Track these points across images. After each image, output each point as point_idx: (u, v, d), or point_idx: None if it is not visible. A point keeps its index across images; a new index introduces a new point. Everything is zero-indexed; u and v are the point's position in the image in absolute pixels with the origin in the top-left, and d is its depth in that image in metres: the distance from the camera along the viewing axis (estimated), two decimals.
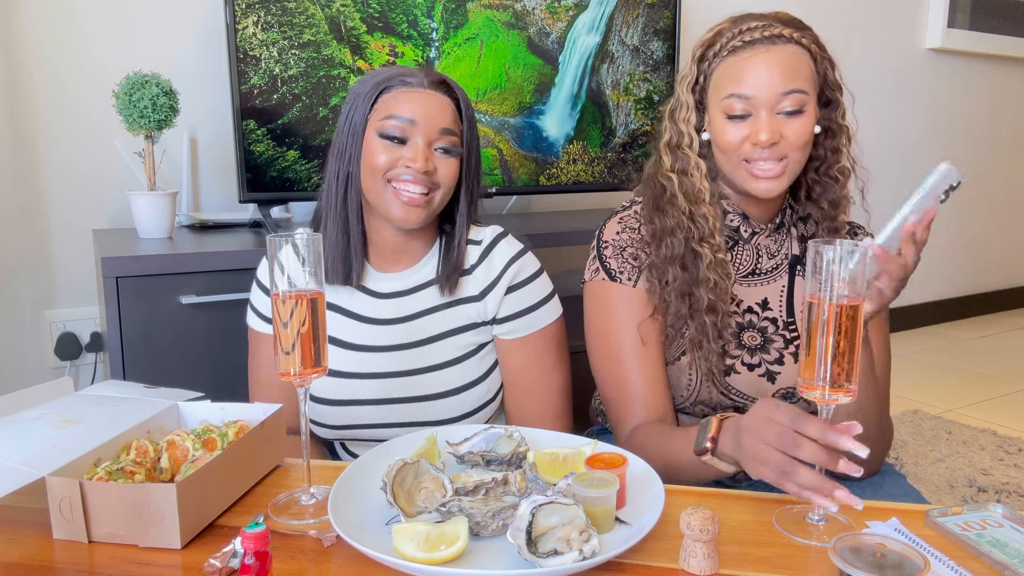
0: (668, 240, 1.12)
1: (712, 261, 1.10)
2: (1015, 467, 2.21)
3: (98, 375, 2.08)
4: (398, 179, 1.11)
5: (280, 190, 1.91)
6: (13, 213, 1.98)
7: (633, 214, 1.19)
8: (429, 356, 1.19)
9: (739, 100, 1.05)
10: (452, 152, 1.14)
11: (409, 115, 1.11)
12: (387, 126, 1.11)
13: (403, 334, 1.19)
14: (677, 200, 1.13)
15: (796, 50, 1.06)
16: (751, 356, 1.15)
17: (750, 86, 1.05)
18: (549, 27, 2.18)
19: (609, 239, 1.18)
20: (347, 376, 1.19)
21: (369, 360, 1.19)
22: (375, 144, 1.12)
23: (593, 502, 0.80)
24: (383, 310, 1.20)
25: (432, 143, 1.12)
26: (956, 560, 0.78)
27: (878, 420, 1.08)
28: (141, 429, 0.94)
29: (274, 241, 0.85)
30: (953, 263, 3.81)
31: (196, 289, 1.62)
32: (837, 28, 3.22)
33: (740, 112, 1.06)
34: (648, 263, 1.14)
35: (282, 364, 0.87)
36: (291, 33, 1.86)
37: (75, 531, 0.81)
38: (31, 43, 1.94)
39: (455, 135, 1.14)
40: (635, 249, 1.15)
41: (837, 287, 0.79)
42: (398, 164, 1.11)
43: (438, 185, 1.13)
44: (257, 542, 0.69)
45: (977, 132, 3.76)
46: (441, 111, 1.13)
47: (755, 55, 1.05)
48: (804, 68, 1.06)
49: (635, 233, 1.17)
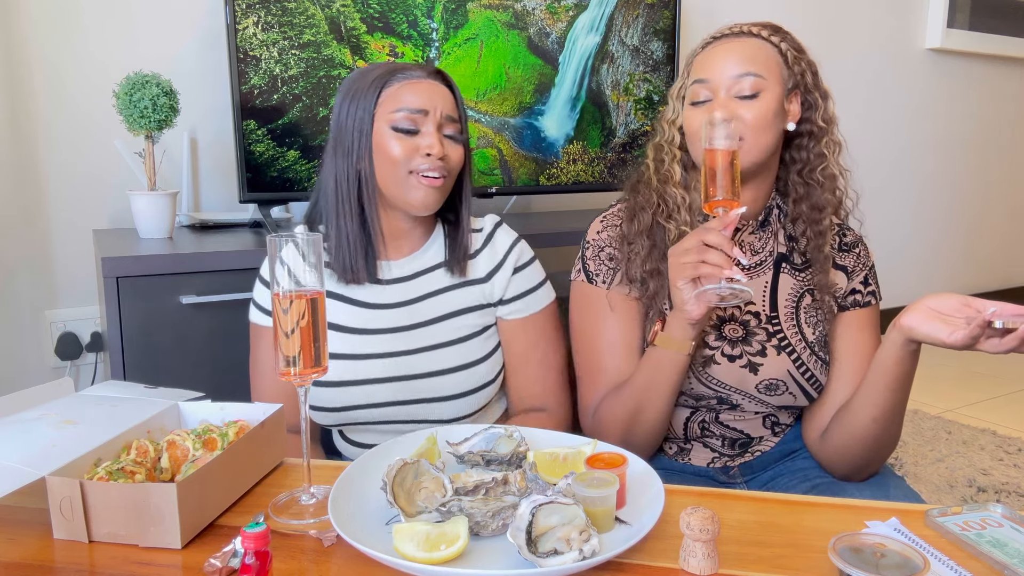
0: (639, 216, 1.19)
1: (676, 235, 1.15)
2: (1015, 467, 2.21)
3: (98, 375, 2.08)
4: (417, 168, 1.15)
5: (280, 190, 1.91)
6: (13, 213, 1.98)
7: (616, 212, 1.24)
8: (433, 335, 1.21)
9: (700, 85, 1.12)
10: (457, 139, 1.19)
11: (419, 105, 1.14)
12: (399, 118, 1.14)
13: (407, 316, 1.22)
14: (651, 182, 1.20)
15: (759, 43, 1.12)
16: (732, 348, 1.16)
17: (708, 71, 1.11)
18: (549, 27, 2.18)
19: (591, 239, 1.23)
20: (348, 358, 1.20)
21: (370, 342, 1.21)
22: (388, 138, 1.14)
23: (593, 502, 0.80)
24: (387, 295, 1.22)
25: (441, 129, 1.16)
26: (956, 560, 0.78)
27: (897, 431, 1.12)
28: (141, 429, 0.94)
29: (274, 241, 0.85)
30: (953, 263, 3.81)
31: (196, 289, 1.62)
32: (837, 28, 3.22)
33: (702, 98, 1.12)
34: (620, 239, 1.20)
35: (282, 364, 0.87)
36: (291, 33, 1.86)
37: (75, 531, 0.81)
38: (31, 43, 1.95)
39: (457, 122, 1.19)
40: (612, 249, 1.20)
41: (709, 138, 1.00)
42: (415, 154, 1.14)
43: (450, 170, 1.18)
44: (257, 542, 0.69)
45: (977, 132, 3.76)
46: (444, 99, 1.17)
47: (718, 46, 1.13)
48: (765, 58, 1.11)
49: (615, 231, 1.22)
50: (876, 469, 1.15)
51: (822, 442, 1.17)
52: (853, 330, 1.19)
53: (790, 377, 1.16)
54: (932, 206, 3.68)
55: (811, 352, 1.16)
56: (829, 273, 1.18)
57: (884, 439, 1.09)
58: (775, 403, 1.18)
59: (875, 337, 1.19)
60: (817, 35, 3.14)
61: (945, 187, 3.71)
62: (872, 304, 1.21)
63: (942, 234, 3.73)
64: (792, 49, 1.13)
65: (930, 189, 3.66)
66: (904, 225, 3.58)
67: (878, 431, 1.08)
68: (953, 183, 3.73)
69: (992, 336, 0.90)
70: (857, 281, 1.20)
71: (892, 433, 1.10)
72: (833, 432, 1.14)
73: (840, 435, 1.12)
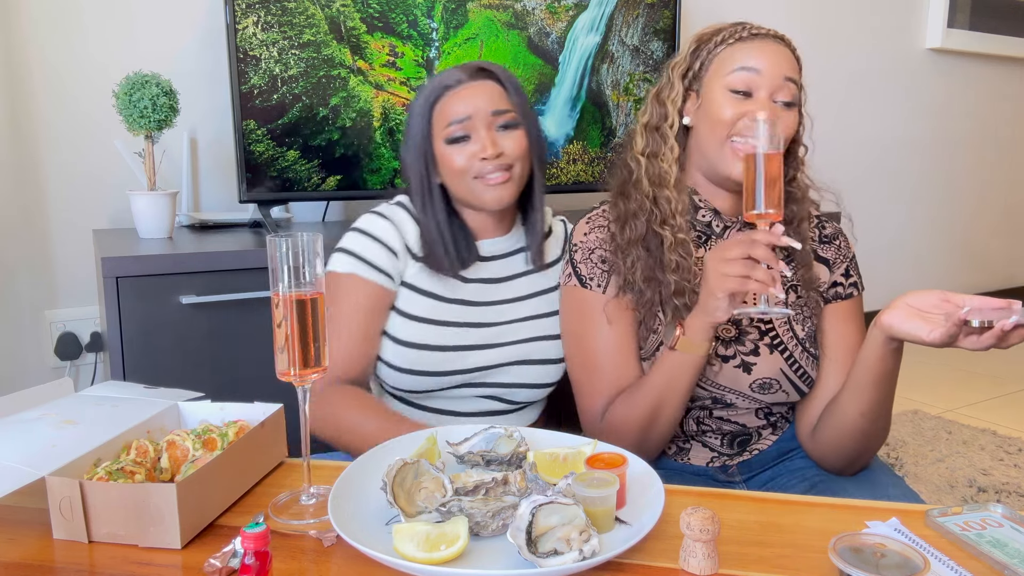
0: (631, 223, 1.16)
1: (673, 242, 1.13)
2: (1015, 467, 2.21)
3: (98, 375, 2.08)
4: (480, 173, 1.20)
5: (280, 190, 1.91)
6: (13, 213, 1.98)
7: (601, 212, 1.23)
8: (512, 311, 1.29)
9: (748, 74, 1.09)
10: (511, 125, 1.22)
11: (464, 112, 1.20)
12: (450, 132, 1.21)
13: (489, 293, 1.29)
14: (642, 184, 1.16)
15: (791, 55, 1.13)
16: (725, 348, 1.15)
17: (760, 61, 1.09)
18: (549, 27, 2.18)
19: (578, 242, 1.21)
20: (425, 321, 1.25)
21: (449, 310, 1.26)
22: (446, 151, 1.22)
23: (593, 502, 0.80)
24: (478, 273, 1.29)
25: (491, 126, 1.21)
26: (956, 560, 0.78)
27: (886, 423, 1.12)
28: (141, 429, 0.94)
29: (274, 241, 0.85)
30: (953, 263, 3.81)
31: (196, 289, 1.62)
32: (837, 28, 3.22)
33: (743, 88, 1.09)
34: (613, 247, 1.17)
35: (281, 364, 0.87)
36: (291, 33, 1.86)
37: (75, 531, 0.81)
38: (31, 43, 1.94)
39: (509, 111, 1.22)
40: (603, 251, 1.19)
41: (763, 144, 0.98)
42: (473, 160, 1.20)
43: (512, 161, 1.21)
44: (257, 542, 0.69)
45: (977, 132, 3.76)
46: (489, 95, 1.21)
47: (765, 42, 1.11)
48: (797, 70, 1.13)
49: (603, 232, 1.20)
50: (867, 461, 1.16)
51: (813, 438, 1.18)
52: (838, 322, 1.19)
53: (783, 375, 1.16)
54: (930, 205, 3.68)
55: (803, 349, 1.17)
56: (812, 267, 1.18)
57: (873, 432, 1.10)
58: (768, 400, 1.18)
59: (859, 328, 1.19)
60: (817, 35, 3.16)
61: (944, 187, 3.71)
62: (855, 295, 1.22)
63: (941, 233, 3.73)
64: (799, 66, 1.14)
65: (929, 188, 3.66)
66: (903, 224, 3.58)
67: (866, 425, 1.09)
68: (952, 182, 3.73)
69: (971, 333, 0.90)
70: (839, 273, 1.21)
71: (880, 426, 1.11)
72: (823, 427, 1.15)
73: (830, 430, 1.13)
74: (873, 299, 1.40)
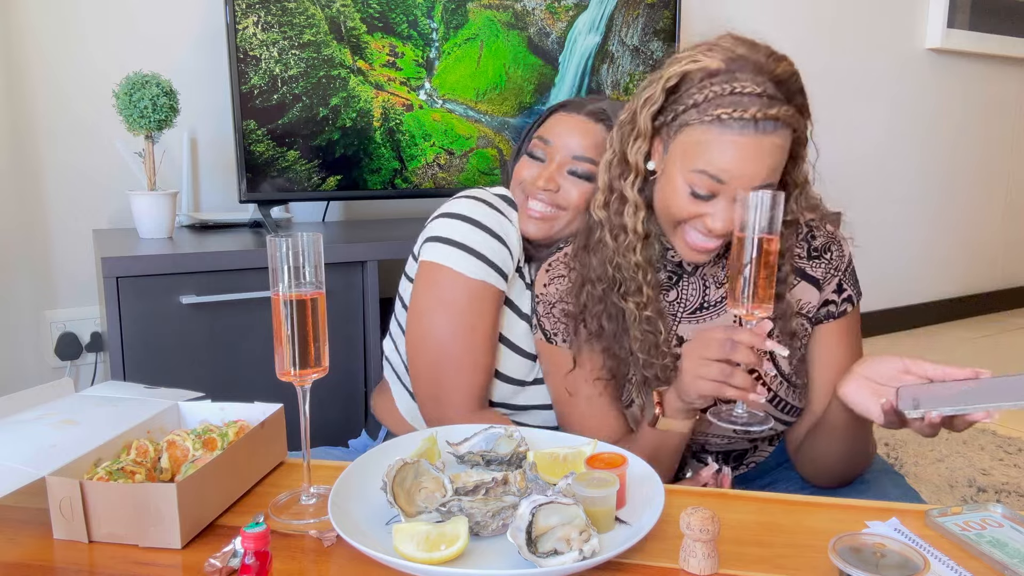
0: (588, 289, 1.08)
1: (637, 319, 1.05)
2: (1015, 467, 2.21)
3: (98, 375, 2.08)
4: (528, 193, 1.20)
5: (280, 190, 1.91)
6: (13, 213, 1.98)
7: (561, 257, 1.16)
8: None
9: (712, 181, 0.96)
10: (581, 175, 1.18)
11: (548, 136, 1.21)
12: (531, 146, 1.23)
13: None
14: (605, 247, 1.06)
15: (784, 135, 0.96)
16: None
17: (728, 173, 0.95)
18: (549, 27, 2.18)
19: (539, 293, 1.16)
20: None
21: None
22: (523, 159, 1.24)
23: (593, 502, 0.80)
24: None
25: (563, 166, 1.18)
26: (956, 560, 0.78)
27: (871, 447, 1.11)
28: (141, 429, 0.95)
29: (274, 241, 0.85)
30: (953, 263, 3.81)
31: (196, 289, 1.62)
32: (837, 28, 3.22)
33: (704, 192, 0.97)
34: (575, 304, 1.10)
35: (281, 363, 0.87)
36: (291, 33, 1.86)
37: (75, 531, 0.81)
38: (31, 43, 1.94)
39: (592, 163, 1.16)
40: (564, 304, 1.13)
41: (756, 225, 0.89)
42: (527, 179, 1.20)
43: (562, 207, 1.18)
44: (257, 542, 0.69)
45: (977, 132, 3.76)
46: (583, 137, 1.19)
47: (743, 141, 0.93)
48: (783, 156, 0.98)
49: (562, 282, 1.14)
50: (853, 479, 1.14)
51: (798, 459, 1.16)
52: (829, 345, 1.12)
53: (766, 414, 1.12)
54: (931, 206, 3.68)
55: (788, 386, 1.11)
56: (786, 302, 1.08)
57: (854, 459, 1.10)
58: (755, 436, 1.16)
59: (851, 348, 1.13)
60: (817, 35, 3.16)
61: (945, 187, 3.71)
62: (848, 312, 1.12)
63: (941, 233, 3.73)
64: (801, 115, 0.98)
65: (929, 189, 3.66)
66: (903, 224, 3.58)
67: (845, 453, 1.08)
68: (952, 182, 3.73)
69: (915, 420, 0.88)
70: (830, 290, 1.11)
71: (861, 451, 1.09)
72: (805, 452, 1.13)
73: (811, 456, 1.12)
74: (873, 300, 1.40)
